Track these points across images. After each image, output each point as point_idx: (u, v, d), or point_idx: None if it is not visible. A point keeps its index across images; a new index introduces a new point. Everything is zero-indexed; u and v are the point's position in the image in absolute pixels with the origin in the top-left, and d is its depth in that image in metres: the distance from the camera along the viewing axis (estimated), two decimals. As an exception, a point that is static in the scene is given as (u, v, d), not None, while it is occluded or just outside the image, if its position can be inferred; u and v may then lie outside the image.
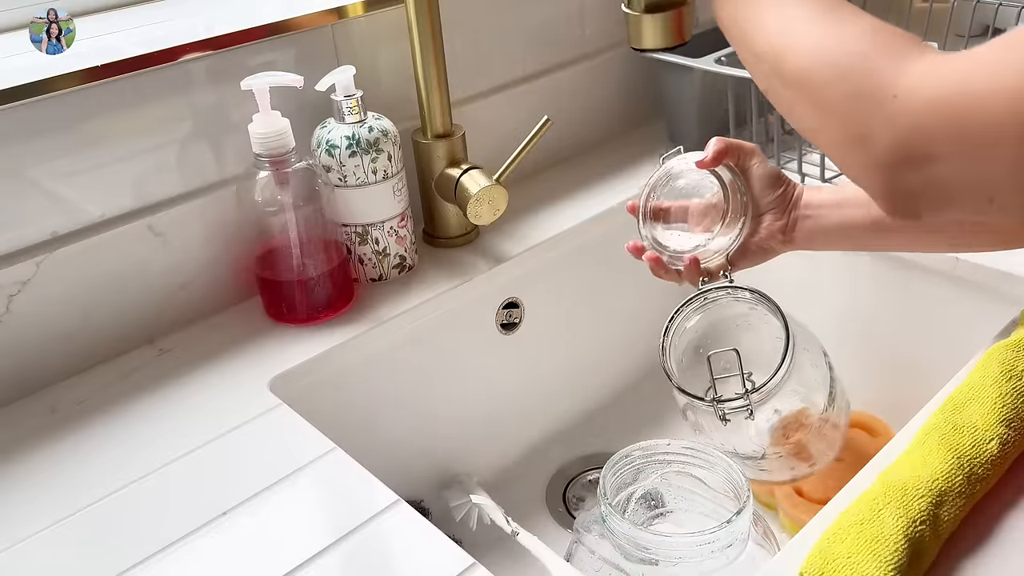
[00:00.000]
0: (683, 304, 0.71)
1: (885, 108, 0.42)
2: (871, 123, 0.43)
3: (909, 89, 0.42)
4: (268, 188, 0.72)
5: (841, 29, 0.46)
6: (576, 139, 1.05)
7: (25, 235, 0.68)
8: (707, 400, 0.67)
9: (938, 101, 0.41)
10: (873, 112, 0.43)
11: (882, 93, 0.42)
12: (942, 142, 0.41)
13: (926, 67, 0.42)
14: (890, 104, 0.42)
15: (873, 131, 0.43)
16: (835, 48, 0.45)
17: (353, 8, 0.80)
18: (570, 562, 0.66)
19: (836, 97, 0.45)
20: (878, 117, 0.43)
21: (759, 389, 0.66)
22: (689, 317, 0.71)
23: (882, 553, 0.47)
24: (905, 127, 0.42)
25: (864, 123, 0.43)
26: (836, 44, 0.45)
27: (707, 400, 0.67)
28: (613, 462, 0.63)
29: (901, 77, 0.42)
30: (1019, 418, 0.56)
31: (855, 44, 0.45)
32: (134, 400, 0.68)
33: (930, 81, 0.41)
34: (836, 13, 0.47)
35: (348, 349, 0.74)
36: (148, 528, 0.56)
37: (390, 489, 0.58)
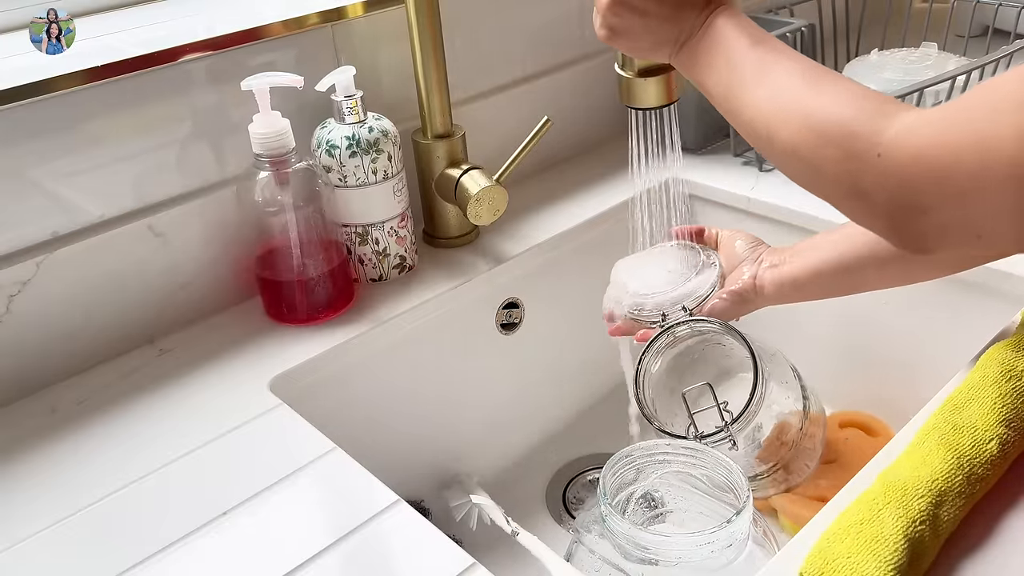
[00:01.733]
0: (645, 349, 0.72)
1: (873, 166, 0.46)
2: (864, 180, 0.47)
3: (891, 146, 0.45)
4: (268, 188, 0.72)
5: (824, 99, 0.50)
6: (576, 139, 1.05)
7: (25, 235, 0.68)
8: (689, 438, 0.68)
9: (918, 156, 0.44)
10: (863, 170, 0.47)
11: (868, 153, 0.46)
12: (928, 193, 0.44)
13: (904, 125, 0.45)
14: (876, 162, 0.46)
15: (867, 187, 0.47)
16: (821, 117, 0.49)
17: (353, 8, 0.80)
18: (570, 562, 0.65)
19: (827, 161, 0.49)
20: (869, 174, 0.46)
21: (737, 419, 0.67)
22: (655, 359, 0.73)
23: (882, 553, 0.47)
24: (894, 181, 0.45)
25: (857, 181, 0.47)
26: (822, 113, 0.49)
27: (689, 438, 0.68)
28: (613, 462, 0.63)
29: (883, 136, 0.46)
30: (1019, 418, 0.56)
31: (838, 111, 0.48)
32: (134, 400, 0.68)
33: (909, 138, 0.45)
34: (819, 84, 0.51)
35: (348, 349, 0.74)
36: (148, 528, 0.56)
37: (390, 489, 0.58)
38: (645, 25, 0.59)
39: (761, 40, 0.55)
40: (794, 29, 1.05)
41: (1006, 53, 0.94)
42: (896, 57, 1.03)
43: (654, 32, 0.59)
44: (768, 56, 0.54)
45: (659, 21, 0.58)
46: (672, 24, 0.58)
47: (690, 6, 0.57)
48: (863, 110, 0.47)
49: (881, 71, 1.00)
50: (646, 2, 0.58)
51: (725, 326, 0.70)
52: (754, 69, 0.54)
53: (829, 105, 0.49)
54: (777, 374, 0.72)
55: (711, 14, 0.57)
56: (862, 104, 0.48)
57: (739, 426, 0.67)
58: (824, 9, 1.17)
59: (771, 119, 0.52)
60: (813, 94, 0.50)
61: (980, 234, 0.44)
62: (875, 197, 0.46)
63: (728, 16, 0.57)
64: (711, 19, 0.57)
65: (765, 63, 0.54)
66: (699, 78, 0.58)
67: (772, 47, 0.55)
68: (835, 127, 0.48)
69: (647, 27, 0.59)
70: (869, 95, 0.49)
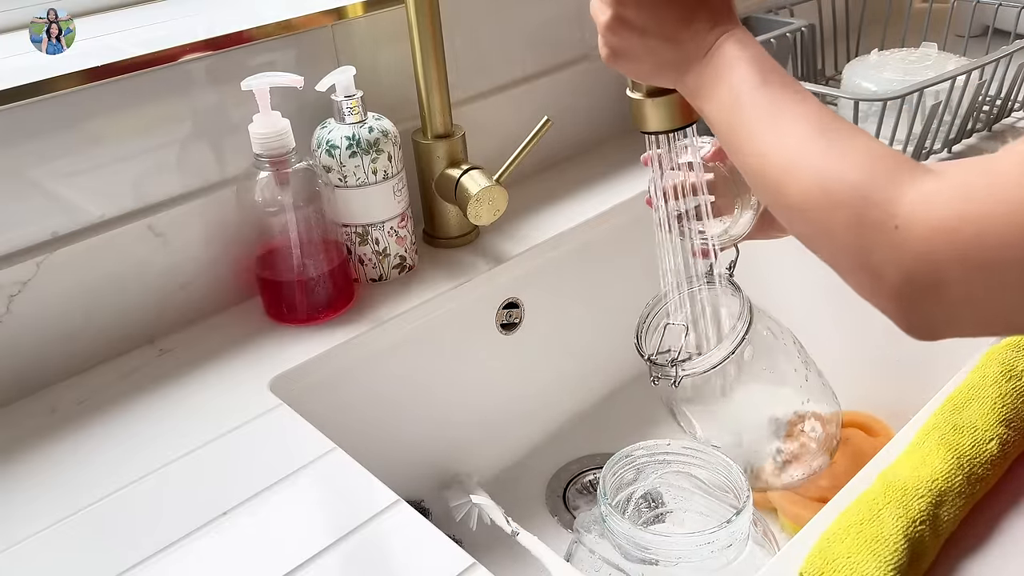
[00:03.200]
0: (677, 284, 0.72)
1: (889, 238, 0.42)
2: (877, 254, 0.43)
3: (910, 217, 0.41)
4: (268, 188, 0.72)
5: (840, 154, 0.46)
6: (576, 139, 1.05)
7: (25, 235, 0.68)
8: (646, 360, 0.69)
9: (939, 228, 0.40)
10: (877, 242, 0.42)
11: (884, 223, 0.42)
12: (949, 268, 0.40)
13: (924, 193, 0.41)
14: (893, 234, 0.41)
15: (880, 262, 0.43)
16: (834, 175, 0.45)
17: (353, 8, 0.80)
18: (570, 562, 0.66)
19: (838, 225, 0.44)
20: (883, 247, 0.42)
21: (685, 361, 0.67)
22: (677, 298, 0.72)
23: (882, 553, 0.47)
24: (911, 257, 0.41)
25: (870, 254, 0.43)
26: (834, 170, 0.45)
27: (646, 360, 0.69)
28: (613, 462, 0.63)
29: (901, 205, 0.42)
30: (1019, 418, 0.56)
31: (852, 171, 0.44)
32: (134, 400, 0.68)
33: (930, 208, 0.41)
34: (831, 134, 0.47)
35: (348, 349, 0.74)
36: (148, 528, 0.56)
37: (390, 489, 0.58)
38: (645, 46, 0.55)
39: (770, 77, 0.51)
40: (794, 29, 1.05)
41: (1006, 53, 0.94)
42: (896, 57, 1.03)
43: (655, 54, 0.55)
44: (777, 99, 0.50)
45: (659, 41, 0.55)
46: (674, 46, 0.54)
47: (695, 27, 0.54)
48: (878, 172, 0.43)
49: (881, 71, 1.00)
50: (647, 20, 0.54)
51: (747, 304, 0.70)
52: (762, 113, 0.50)
53: (845, 163, 0.45)
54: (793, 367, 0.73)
55: (717, 38, 0.53)
56: (878, 165, 0.44)
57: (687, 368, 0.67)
58: (824, 9, 1.17)
59: (780, 172, 0.48)
60: (826, 150, 0.46)
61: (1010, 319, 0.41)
62: (888, 275, 0.42)
63: (735, 42, 0.53)
64: (718, 44, 0.53)
65: (772, 106, 0.50)
66: (701, 107, 0.55)
67: (782, 88, 0.51)
68: (847, 188, 0.44)
69: (648, 48, 0.55)
70: (884, 154, 0.45)
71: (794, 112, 0.49)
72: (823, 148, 0.46)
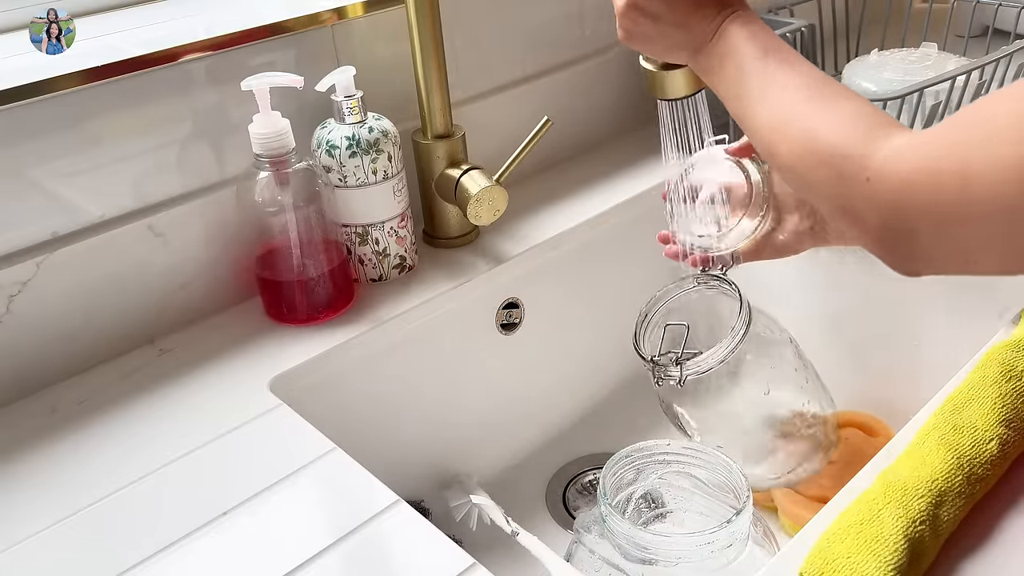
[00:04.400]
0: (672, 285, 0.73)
1: (862, 189, 0.47)
2: (855, 202, 0.47)
3: (879, 171, 0.46)
4: (268, 188, 0.72)
5: (821, 118, 0.50)
6: (576, 139, 1.05)
7: (25, 235, 0.68)
8: (647, 361, 0.70)
9: (905, 181, 0.44)
10: (854, 193, 0.47)
11: (858, 176, 0.47)
12: (916, 218, 0.44)
13: (892, 149, 0.45)
14: (865, 186, 0.46)
15: (859, 209, 0.47)
16: (815, 137, 0.50)
17: (353, 8, 0.80)
18: (570, 562, 0.66)
19: (821, 180, 0.49)
20: (859, 197, 0.47)
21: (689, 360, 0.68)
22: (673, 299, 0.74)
23: (882, 553, 0.47)
24: (883, 205, 0.46)
25: (849, 203, 0.48)
26: (816, 133, 0.50)
27: (647, 361, 0.70)
28: (613, 462, 0.63)
29: (872, 160, 0.46)
30: (1019, 418, 0.56)
31: (834, 131, 0.49)
32: (134, 400, 0.68)
33: (896, 163, 0.45)
34: (821, 99, 0.51)
35: (348, 349, 0.74)
36: (148, 528, 0.56)
37: (390, 489, 0.58)
38: (658, 30, 0.59)
39: (770, 50, 0.55)
40: (794, 29, 1.05)
41: (1006, 53, 0.94)
42: (896, 57, 1.03)
43: (668, 37, 0.59)
44: (774, 68, 0.54)
45: (672, 27, 0.59)
46: (684, 30, 0.58)
47: (702, 12, 0.57)
48: (856, 131, 0.48)
49: (881, 71, 1.00)
50: (659, 6, 0.58)
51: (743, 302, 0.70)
52: (759, 81, 0.54)
53: (824, 125, 0.49)
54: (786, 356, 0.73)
55: (724, 20, 0.57)
56: (856, 125, 0.48)
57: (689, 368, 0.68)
58: (824, 9, 1.17)
59: (772, 134, 0.53)
60: (811, 111, 0.51)
61: (968, 259, 0.44)
62: (867, 219, 0.47)
63: (741, 23, 0.57)
64: (724, 26, 0.57)
65: (771, 76, 0.54)
66: (713, 85, 0.59)
67: (780, 58, 0.55)
68: (828, 148, 0.48)
69: (660, 32, 0.59)
70: (866, 114, 0.49)
71: (788, 80, 0.53)
72: (810, 111, 0.51)
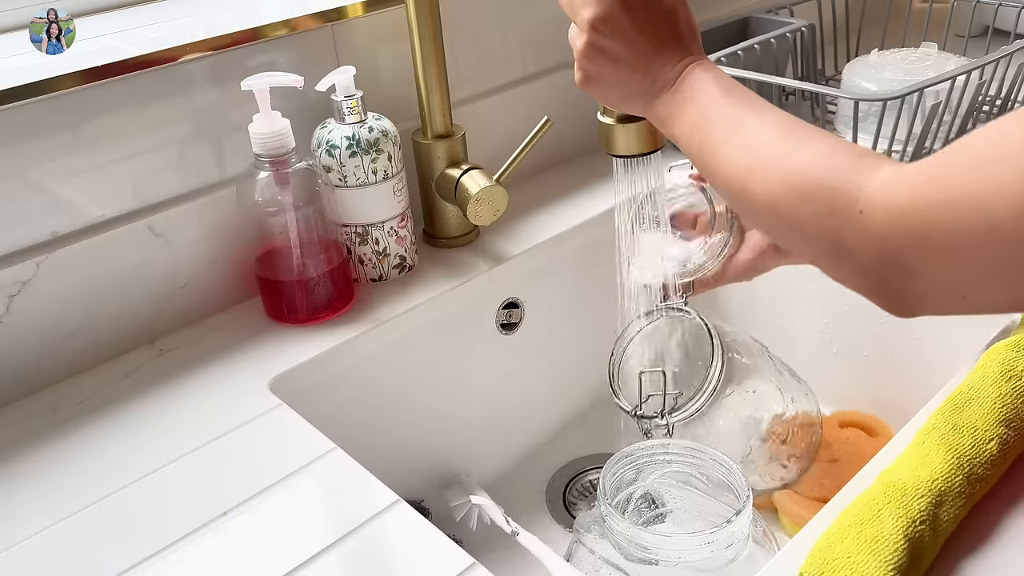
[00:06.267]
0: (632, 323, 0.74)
1: (855, 221, 0.44)
2: (845, 237, 0.45)
3: (871, 202, 0.44)
4: (268, 188, 0.72)
5: (801, 153, 0.48)
6: (576, 139, 1.05)
7: (25, 235, 0.68)
8: (631, 415, 0.69)
9: (897, 213, 0.43)
10: (845, 227, 0.45)
11: (849, 208, 0.45)
12: (908, 250, 0.43)
13: (883, 180, 0.44)
14: (858, 218, 0.44)
15: (849, 244, 0.45)
16: (799, 172, 0.48)
17: (353, 8, 0.80)
18: (570, 562, 0.66)
19: (807, 217, 0.47)
20: (850, 231, 0.45)
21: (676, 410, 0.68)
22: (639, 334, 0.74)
23: (882, 553, 0.47)
24: (876, 239, 0.44)
25: (839, 238, 0.46)
26: (799, 168, 0.48)
27: (631, 415, 0.69)
28: (613, 462, 0.63)
29: (863, 190, 0.44)
30: (1019, 418, 0.56)
31: (817, 166, 0.47)
32: (134, 400, 0.68)
33: (889, 194, 0.43)
34: (793, 136, 0.49)
35: (348, 349, 0.74)
36: (148, 528, 0.56)
37: (390, 489, 0.58)
38: (617, 73, 0.57)
39: (733, 91, 0.54)
40: (794, 29, 1.05)
41: (1006, 53, 0.94)
42: (896, 57, 1.03)
43: (626, 81, 0.57)
44: (742, 110, 0.53)
45: (630, 70, 0.57)
46: (643, 75, 0.57)
47: (663, 57, 0.56)
48: (842, 164, 0.46)
49: (881, 71, 1.00)
50: (620, 48, 0.56)
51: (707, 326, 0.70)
52: (728, 124, 0.53)
53: (806, 159, 0.48)
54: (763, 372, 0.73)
55: (685, 67, 0.56)
56: (841, 158, 0.47)
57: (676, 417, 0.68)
58: (824, 9, 1.17)
59: (747, 175, 0.50)
60: (789, 148, 0.49)
61: (964, 295, 0.43)
62: (858, 254, 0.45)
63: (703, 70, 0.55)
64: (685, 73, 0.56)
65: (738, 117, 0.52)
66: (672, 132, 0.57)
67: (745, 99, 0.53)
68: (814, 182, 0.47)
69: (619, 76, 0.57)
70: (847, 148, 0.47)
71: (758, 119, 0.52)
72: (787, 149, 0.49)
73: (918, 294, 0.44)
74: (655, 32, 0.56)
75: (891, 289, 0.45)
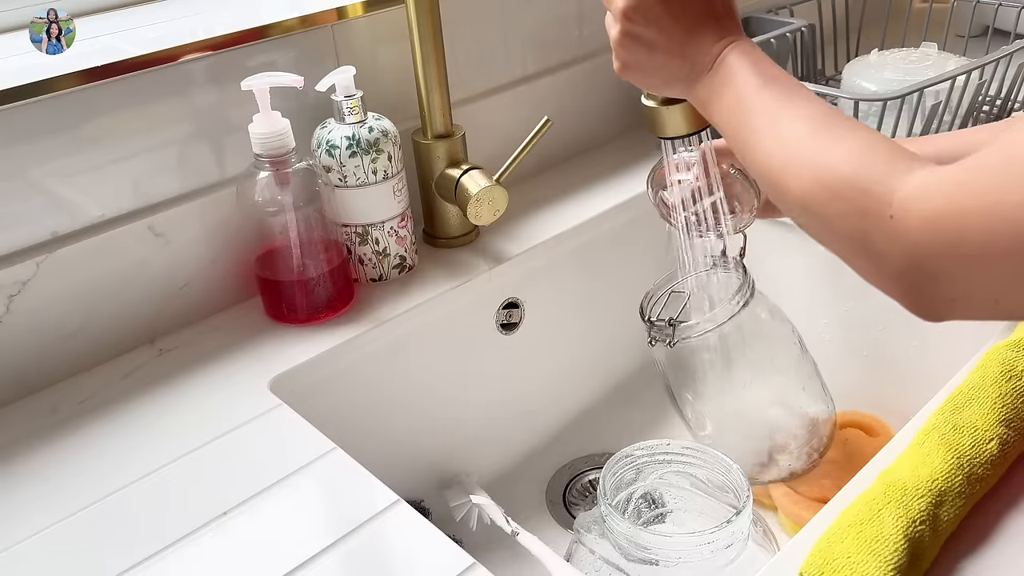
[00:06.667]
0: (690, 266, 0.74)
1: (886, 226, 0.44)
2: (875, 240, 0.45)
3: (903, 207, 0.43)
4: (268, 188, 0.72)
5: (835, 149, 0.48)
6: (576, 140, 1.05)
7: (25, 235, 0.68)
8: (644, 320, 0.72)
9: (930, 219, 0.42)
10: (875, 230, 0.44)
11: (880, 212, 0.44)
12: (940, 257, 0.42)
13: (917, 184, 0.43)
14: (889, 223, 0.44)
15: (880, 248, 0.45)
16: (830, 171, 0.47)
17: (353, 8, 0.80)
18: (570, 562, 0.66)
19: (836, 216, 0.47)
20: (881, 234, 0.44)
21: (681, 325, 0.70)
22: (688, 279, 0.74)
23: (882, 553, 0.47)
24: (906, 244, 0.43)
25: (869, 240, 0.45)
26: (830, 167, 0.47)
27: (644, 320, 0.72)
28: (613, 462, 0.63)
29: (895, 195, 0.43)
30: (1019, 418, 0.56)
31: (849, 164, 0.46)
32: (134, 400, 0.68)
33: (922, 199, 0.43)
34: (829, 131, 0.49)
35: (348, 349, 0.74)
36: (148, 528, 0.56)
37: (390, 489, 0.58)
38: (654, 60, 0.57)
39: (772, 80, 0.53)
40: (794, 29, 1.05)
41: (1006, 53, 0.94)
42: (896, 57, 1.03)
43: (664, 67, 0.57)
44: (778, 101, 0.52)
45: (668, 56, 0.56)
46: (681, 59, 0.56)
47: (699, 40, 0.55)
48: (874, 165, 0.45)
49: (881, 71, 1.00)
50: (655, 35, 0.56)
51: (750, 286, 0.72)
52: (764, 115, 0.52)
53: (838, 158, 0.47)
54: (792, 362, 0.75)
55: (722, 50, 0.55)
56: (873, 158, 0.46)
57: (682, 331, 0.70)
58: (824, 9, 1.17)
59: (781, 170, 0.50)
60: (822, 144, 0.48)
61: (997, 300, 0.42)
62: (888, 258, 0.44)
63: (740, 53, 0.55)
64: (722, 56, 0.55)
65: (775, 109, 0.52)
66: (711, 115, 0.57)
67: (783, 89, 0.53)
68: (845, 181, 0.46)
69: (656, 62, 0.57)
70: (881, 147, 0.47)
71: (794, 112, 0.51)
72: (819, 144, 0.48)
73: (948, 299, 0.44)
74: (689, 17, 0.56)
75: (921, 294, 0.45)
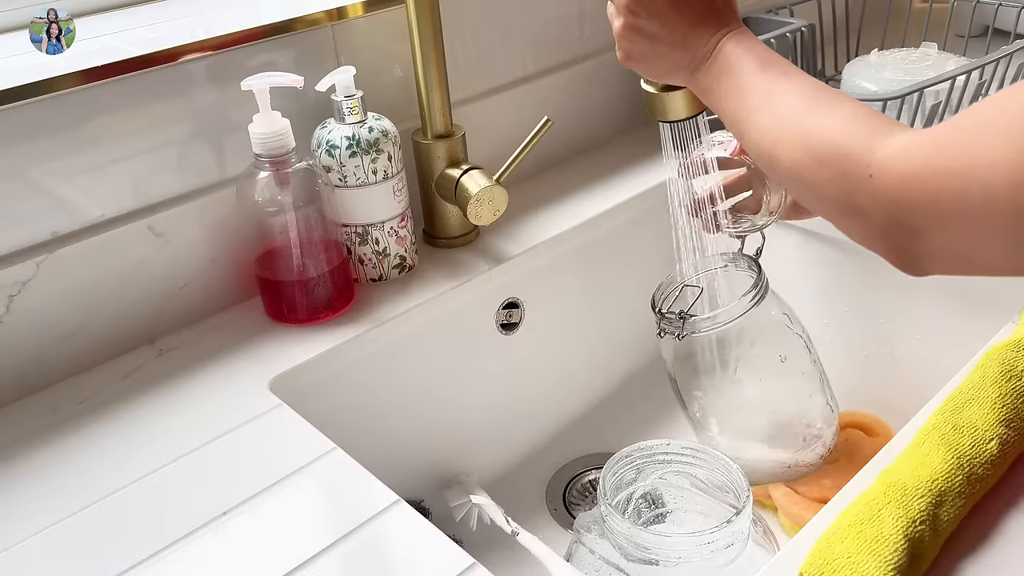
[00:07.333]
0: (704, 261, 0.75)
1: (866, 186, 0.47)
2: (858, 200, 0.47)
3: (882, 167, 0.46)
4: (268, 188, 0.72)
5: (821, 121, 0.50)
6: (576, 140, 1.05)
7: (25, 235, 0.68)
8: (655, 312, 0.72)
9: (908, 178, 0.44)
10: (857, 191, 0.47)
11: (860, 173, 0.47)
12: (919, 215, 0.44)
13: (895, 146, 0.46)
14: (869, 182, 0.46)
15: (863, 206, 0.47)
16: (817, 139, 0.50)
17: (353, 8, 0.80)
18: (570, 562, 0.66)
19: (823, 181, 0.49)
20: (862, 194, 0.47)
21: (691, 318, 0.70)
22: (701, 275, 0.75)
23: (882, 553, 0.47)
24: (886, 201, 0.46)
25: (852, 201, 0.48)
26: (817, 135, 0.50)
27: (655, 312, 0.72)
28: (613, 462, 0.63)
29: (874, 155, 0.46)
30: (1019, 418, 0.56)
31: (833, 133, 0.49)
32: (134, 400, 0.68)
33: (899, 160, 0.45)
34: (818, 105, 0.52)
35: (348, 349, 0.74)
36: (148, 528, 0.56)
37: (390, 489, 0.58)
38: (656, 51, 0.59)
39: (766, 63, 0.56)
40: (794, 29, 1.05)
41: (1006, 53, 0.94)
42: (896, 57, 1.03)
43: (666, 57, 0.59)
44: (770, 81, 0.55)
45: (669, 47, 0.59)
46: (683, 50, 0.59)
47: (699, 31, 0.58)
48: (858, 132, 0.48)
49: (881, 71, 1.00)
50: (657, 28, 0.58)
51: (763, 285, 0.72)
52: (759, 95, 0.55)
53: (825, 127, 0.50)
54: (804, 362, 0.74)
55: (720, 39, 0.57)
56: (857, 125, 0.48)
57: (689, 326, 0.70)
58: (824, 9, 1.17)
59: (773, 144, 0.53)
60: (810, 116, 0.51)
61: (969, 258, 0.45)
62: (871, 216, 0.47)
63: (737, 41, 0.57)
64: (721, 45, 0.57)
65: (768, 87, 0.54)
66: (712, 103, 0.59)
67: (777, 70, 0.55)
68: (830, 148, 0.49)
69: (658, 53, 0.59)
70: (865, 115, 0.49)
71: (785, 89, 0.54)
72: (809, 116, 0.51)
73: (927, 254, 0.46)
74: (690, 8, 0.58)
75: (902, 250, 0.47)
